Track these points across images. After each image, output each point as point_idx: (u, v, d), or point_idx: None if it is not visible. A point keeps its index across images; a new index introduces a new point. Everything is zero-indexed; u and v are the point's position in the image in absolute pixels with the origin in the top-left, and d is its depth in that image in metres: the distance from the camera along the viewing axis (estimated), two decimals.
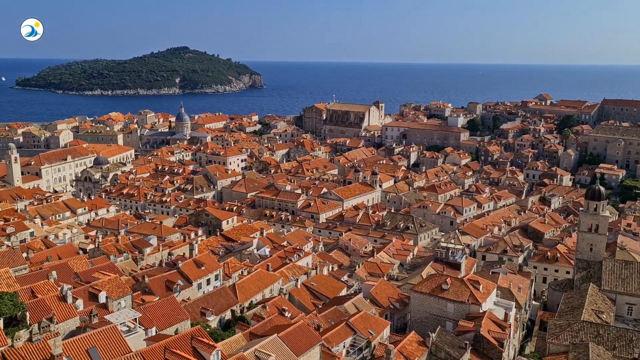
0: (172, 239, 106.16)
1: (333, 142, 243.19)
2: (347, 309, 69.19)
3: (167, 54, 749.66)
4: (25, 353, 37.40)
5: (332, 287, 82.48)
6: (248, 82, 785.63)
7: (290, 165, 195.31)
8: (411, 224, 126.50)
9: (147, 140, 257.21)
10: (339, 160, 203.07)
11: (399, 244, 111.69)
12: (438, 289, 70.33)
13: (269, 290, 76.85)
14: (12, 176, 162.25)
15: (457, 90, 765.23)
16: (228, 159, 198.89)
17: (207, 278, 75.90)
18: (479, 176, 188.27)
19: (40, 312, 48.96)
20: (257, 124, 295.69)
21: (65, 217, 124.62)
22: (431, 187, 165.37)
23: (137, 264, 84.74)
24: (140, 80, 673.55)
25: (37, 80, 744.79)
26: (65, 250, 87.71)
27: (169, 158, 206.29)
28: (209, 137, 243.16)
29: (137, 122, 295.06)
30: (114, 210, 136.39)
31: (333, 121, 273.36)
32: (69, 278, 67.76)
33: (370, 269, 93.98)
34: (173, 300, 61.61)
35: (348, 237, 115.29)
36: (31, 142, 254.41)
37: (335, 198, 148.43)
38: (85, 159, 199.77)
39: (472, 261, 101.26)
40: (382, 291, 79.11)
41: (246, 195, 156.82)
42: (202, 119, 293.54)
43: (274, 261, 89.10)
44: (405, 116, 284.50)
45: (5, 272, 59.07)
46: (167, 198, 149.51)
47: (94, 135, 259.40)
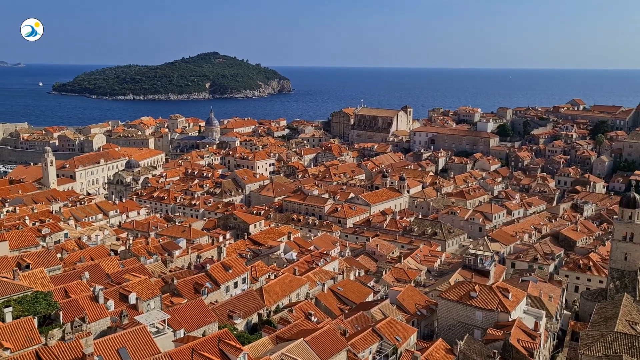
0: (200, 242, 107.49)
1: (361, 147, 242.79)
2: (373, 315, 68.93)
3: (198, 60, 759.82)
4: (58, 352, 38.25)
5: (358, 293, 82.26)
6: (277, 87, 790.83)
7: (317, 170, 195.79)
8: (439, 230, 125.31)
9: (178, 144, 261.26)
10: (367, 165, 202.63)
11: (426, 250, 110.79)
12: (466, 296, 69.51)
13: (295, 294, 77.07)
14: (47, 179, 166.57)
15: (487, 95, 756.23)
16: (256, 163, 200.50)
17: (234, 281, 76.53)
18: (508, 182, 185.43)
19: (73, 311, 50.14)
20: (285, 129, 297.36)
21: (97, 219, 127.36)
22: (459, 193, 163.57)
23: (166, 266, 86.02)
24: (171, 85, 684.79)
25: (72, 86, 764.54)
26: (97, 251, 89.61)
27: (198, 162, 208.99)
28: (238, 141, 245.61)
29: (167, 127, 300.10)
30: (144, 212, 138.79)
31: (361, 126, 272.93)
32: (100, 279, 69.22)
33: (397, 274, 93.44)
34: (201, 302, 62.34)
35: (375, 242, 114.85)
36: (66, 146, 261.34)
37: (363, 203, 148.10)
38: (118, 162, 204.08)
39: (501, 269, 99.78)
40: (409, 297, 78.57)
41: (274, 199, 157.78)
42: (231, 124, 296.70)
43: (301, 265, 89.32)
44: (433, 121, 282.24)
45: (41, 272, 60.70)
46: (197, 201, 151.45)
47: (126, 139, 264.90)
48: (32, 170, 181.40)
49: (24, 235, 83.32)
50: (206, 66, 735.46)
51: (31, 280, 56.90)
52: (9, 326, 41.17)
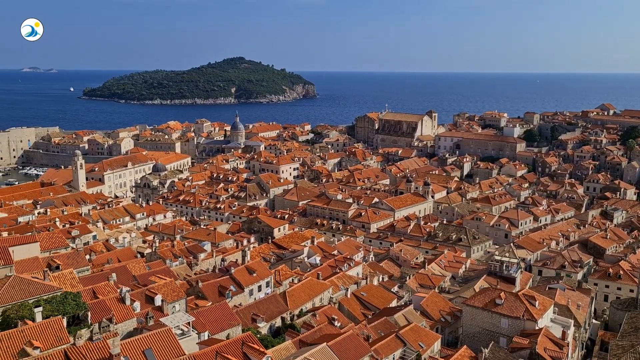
0: (225, 245, 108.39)
1: (385, 151, 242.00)
2: (397, 321, 68.57)
3: (224, 65, 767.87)
4: (86, 351, 38.93)
5: (382, 298, 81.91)
6: (301, 91, 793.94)
7: (341, 175, 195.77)
8: (464, 236, 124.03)
9: (203, 149, 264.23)
10: (391, 170, 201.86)
11: (451, 255, 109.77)
12: (491, 304, 68.60)
13: (319, 298, 77.13)
14: (77, 182, 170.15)
15: (514, 99, 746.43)
16: (281, 168, 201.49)
17: (258, 285, 76.98)
18: (535, 188, 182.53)
19: (101, 312, 51.12)
20: (310, 133, 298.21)
21: (125, 221, 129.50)
22: (485, 199, 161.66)
23: (191, 269, 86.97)
24: (197, 90, 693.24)
25: (102, 91, 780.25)
26: (124, 253, 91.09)
27: (223, 166, 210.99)
28: (263, 145, 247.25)
29: (194, 131, 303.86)
30: (170, 216, 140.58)
31: (385, 131, 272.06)
32: (127, 280, 70.36)
33: (421, 280, 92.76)
34: (225, 305, 62.85)
35: (399, 247, 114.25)
36: (95, 149, 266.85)
37: (387, 208, 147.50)
38: (145, 166, 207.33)
39: (527, 276, 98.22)
40: (433, 303, 77.92)
41: (298, 203, 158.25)
42: (256, 128, 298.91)
43: (325, 270, 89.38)
44: (459, 126, 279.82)
45: (70, 272, 62.03)
46: (221, 205, 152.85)
47: (153, 143, 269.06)
48: (63, 174, 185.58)
49: (55, 237, 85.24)
50: (232, 71, 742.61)
51: (61, 280, 58.20)
52: (39, 326, 42.12)
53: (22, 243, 67.94)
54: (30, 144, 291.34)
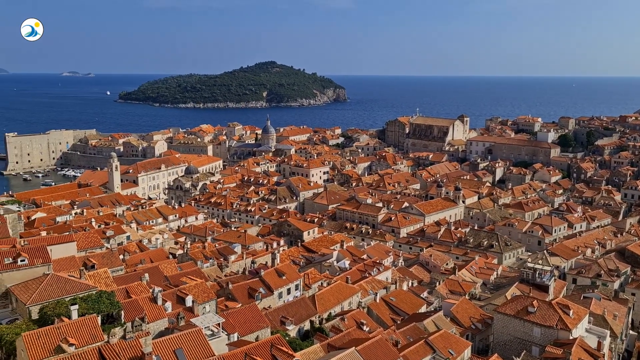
0: (255, 247, 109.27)
1: (415, 156, 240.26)
2: (426, 327, 67.99)
3: (256, 69, 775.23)
4: (119, 349, 39.77)
5: (411, 303, 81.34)
6: (332, 95, 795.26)
7: (371, 179, 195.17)
8: (495, 242, 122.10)
9: (235, 152, 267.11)
10: (422, 175, 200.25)
11: (482, 262, 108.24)
12: (524, 312, 67.42)
13: (347, 302, 77.07)
14: (112, 183, 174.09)
15: (548, 104, 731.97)
16: (311, 171, 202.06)
17: (287, 287, 77.37)
18: (570, 194, 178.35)
19: (134, 311, 52.20)
20: (340, 137, 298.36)
21: (157, 222, 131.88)
22: (518, 205, 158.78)
23: (221, 271, 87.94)
24: (229, 93, 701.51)
25: (137, 94, 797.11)
26: (156, 254, 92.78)
27: (254, 169, 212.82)
28: (293, 149, 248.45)
29: (225, 134, 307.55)
30: (202, 217, 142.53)
31: (416, 135, 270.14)
32: (159, 281, 71.64)
33: (451, 286, 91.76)
34: (255, 307, 63.36)
35: (429, 252, 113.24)
36: (130, 152, 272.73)
37: (417, 213, 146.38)
38: (177, 168, 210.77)
39: (561, 284, 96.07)
40: (464, 310, 76.99)
41: (327, 207, 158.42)
42: (287, 132, 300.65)
43: (354, 274, 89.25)
44: (491, 131, 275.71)
45: (105, 272, 63.54)
46: (252, 208, 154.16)
47: (186, 145, 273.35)
48: (99, 175, 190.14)
49: (90, 237, 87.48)
50: (264, 75, 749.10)
51: (96, 280, 59.67)
52: (74, 323, 43.21)
53: (59, 242, 69.87)
54: (68, 146, 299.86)
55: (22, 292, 50.55)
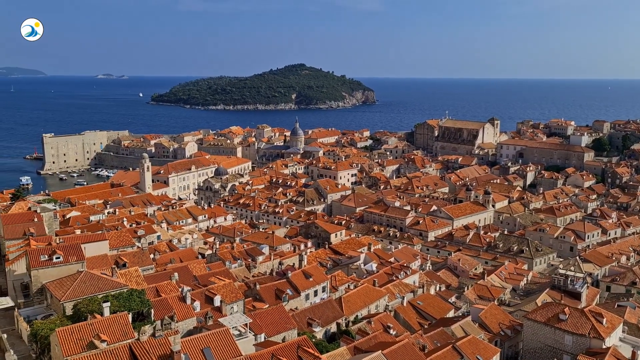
0: (283, 249, 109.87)
1: (444, 159, 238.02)
2: (454, 332, 67.26)
3: (285, 71, 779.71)
4: (149, 347, 40.45)
5: (439, 308, 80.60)
6: (361, 98, 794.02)
7: (400, 182, 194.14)
8: (526, 248, 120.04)
9: (264, 153, 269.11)
10: (450, 178, 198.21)
11: (511, 267, 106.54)
12: (555, 319, 66.07)
13: (374, 305, 76.84)
14: (144, 183, 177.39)
15: (582, 107, 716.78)
16: (339, 174, 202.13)
17: (314, 289, 77.56)
18: (604, 200, 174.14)
19: (163, 310, 53.09)
20: (368, 140, 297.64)
21: (187, 223, 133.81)
22: (549, 210, 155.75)
23: (249, 271, 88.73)
24: (259, 96, 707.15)
25: (168, 96, 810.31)
26: (186, 254, 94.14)
27: (283, 171, 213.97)
28: (321, 151, 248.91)
29: (255, 136, 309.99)
30: (230, 218, 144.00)
31: (445, 138, 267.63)
32: (188, 280, 72.69)
33: (480, 291, 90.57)
34: (282, 308, 63.72)
35: (457, 257, 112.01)
36: (161, 153, 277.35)
37: (445, 216, 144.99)
38: (207, 170, 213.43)
39: (594, 291, 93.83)
40: (493, 316, 75.88)
41: (355, 209, 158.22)
42: (315, 134, 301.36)
43: (381, 277, 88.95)
44: (522, 134, 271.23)
45: (135, 270, 64.81)
46: (280, 209, 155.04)
47: (216, 147, 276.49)
48: (131, 175, 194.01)
49: (122, 236, 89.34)
50: (293, 77, 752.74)
51: (127, 278, 60.88)
52: (106, 320, 44.18)
53: (93, 241, 71.65)
54: (102, 147, 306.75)
55: (57, 288, 51.95)
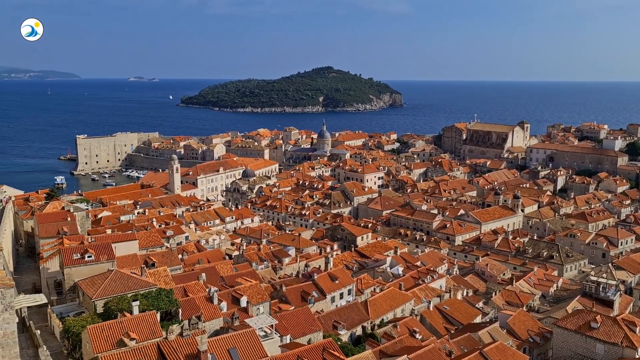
0: (309, 251, 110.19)
1: (473, 162, 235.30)
2: (481, 338, 66.48)
3: (312, 74, 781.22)
4: (177, 346, 41.04)
5: (465, 313, 79.75)
6: (388, 100, 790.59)
7: (427, 185, 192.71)
8: (556, 253, 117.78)
9: (291, 156, 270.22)
10: (478, 182, 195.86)
11: (541, 273, 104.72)
12: (586, 327, 64.70)
13: (400, 309, 76.46)
14: (173, 184, 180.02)
15: (615, 110, 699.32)
16: (365, 176, 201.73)
17: (340, 292, 77.58)
18: (638, 205, 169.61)
19: (190, 309, 53.85)
20: (395, 143, 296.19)
21: (215, 224, 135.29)
22: (580, 215, 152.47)
23: (276, 273, 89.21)
24: (286, 98, 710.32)
25: (198, 99, 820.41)
26: (213, 254, 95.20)
27: (309, 173, 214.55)
28: (348, 154, 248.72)
29: (282, 138, 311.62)
30: (257, 220, 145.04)
31: (473, 141, 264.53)
32: (215, 281, 73.52)
33: (508, 297, 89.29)
34: (307, 310, 63.93)
35: (485, 262, 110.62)
36: (190, 154, 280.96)
37: (473, 220, 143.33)
38: (235, 171, 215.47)
39: (627, 300, 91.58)
40: (521, 322, 74.76)
41: (381, 212, 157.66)
42: (342, 137, 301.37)
43: (407, 281, 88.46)
44: (553, 138, 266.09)
45: (164, 270, 65.90)
46: (306, 211, 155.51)
47: (244, 149, 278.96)
48: (161, 176, 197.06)
49: (151, 236, 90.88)
50: (320, 80, 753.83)
51: (156, 277, 61.96)
52: (135, 318, 45.01)
53: (123, 240, 73.09)
54: (133, 148, 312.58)
55: (89, 286, 53.18)
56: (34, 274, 69.75)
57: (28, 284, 64.76)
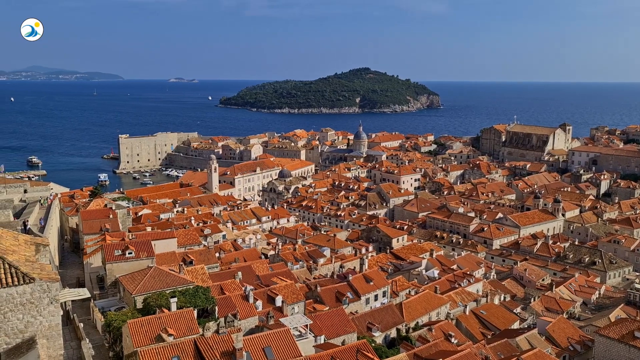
0: (344, 252, 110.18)
1: (512, 165, 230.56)
2: (519, 344, 65.23)
3: (350, 75, 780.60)
4: (213, 343, 41.76)
5: (503, 318, 78.36)
6: (425, 102, 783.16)
7: (464, 188, 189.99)
8: (598, 260, 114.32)
9: (327, 157, 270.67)
10: (517, 185, 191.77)
11: (582, 279, 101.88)
12: (629, 336, 62.65)
13: (435, 313, 75.70)
14: (211, 184, 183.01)
15: None
16: (402, 178, 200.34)
17: (375, 294, 77.31)
18: None
19: (227, 307, 54.68)
20: (432, 144, 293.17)
21: (251, 223, 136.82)
22: (625, 220, 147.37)
23: (310, 273, 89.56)
24: (323, 99, 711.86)
25: (236, 100, 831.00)
26: (249, 253, 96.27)
27: (345, 174, 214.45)
28: (384, 155, 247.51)
29: (318, 139, 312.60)
30: (293, 220, 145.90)
31: (513, 143, 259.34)
32: (251, 280, 74.39)
33: (547, 303, 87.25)
34: (342, 311, 63.99)
35: (524, 266, 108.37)
36: (228, 154, 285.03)
37: (511, 224, 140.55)
38: (272, 172, 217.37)
39: None
40: (561, 330, 72.95)
41: (417, 215, 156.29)
42: (379, 138, 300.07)
43: (443, 284, 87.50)
44: (596, 140, 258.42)
45: (201, 268, 67.14)
46: (342, 212, 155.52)
47: (280, 150, 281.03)
48: (199, 176, 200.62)
49: (190, 234, 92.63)
50: (357, 81, 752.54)
51: (193, 275, 63.20)
52: (173, 315, 46.04)
53: (162, 238, 74.77)
54: (172, 148, 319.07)
55: (129, 282, 54.67)
56: (78, 268, 72.16)
57: (72, 278, 67.01)
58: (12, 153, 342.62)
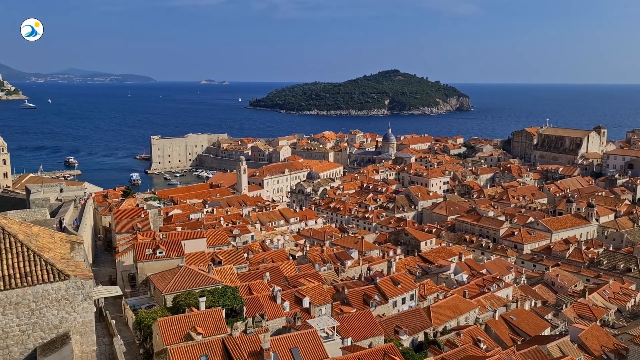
0: (371, 254, 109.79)
1: (543, 168, 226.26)
2: (550, 351, 63.95)
3: (379, 77, 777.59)
4: (240, 342, 42.12)
5: (533, 324, 76.97)
6: (455, 104, 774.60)
7: (494, 191, 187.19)
8: (634, 266, 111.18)
9: (355, 159, 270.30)
10: (549, 189, 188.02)
11: (617, 286, 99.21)
12: None
13: (464, 317, 74.85)
14: (240, 185, 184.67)
15: None
16: (430, 181, 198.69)
17: (402, 297, 76.86)
18: None
19: (254, 308, 55.14)
20: (462, 147, 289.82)
21: (279, 224, 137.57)
22: None
23: (338, 275, 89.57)
24: (352, 101, 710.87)
25: (265, 101, 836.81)
26: (277, 254, 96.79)
27: (373, 176, 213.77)
28: (413, 157, 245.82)
29: (347, 141, 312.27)
30: (321, 222, 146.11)
31: (545, 146, 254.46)
32: (279, 280, 74.76)
33: (580, 310, 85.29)
34: (369, 314, 63.82)
35: (555, 272, 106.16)
36: (257, 156, 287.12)
37: (543, 229, 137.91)
38: (300, 173, 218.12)
39: None
40: (594, 337, 71.24)
41: (446, 218, 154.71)
42: (408, 140, 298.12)
43: (472, 288, 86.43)
44: (633, 144, 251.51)
45: (230, 268, 67.85)
46: (370, 215, 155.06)
47: (309, 151, 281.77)
48: (229, 177, 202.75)
49: (219, 235, 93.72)
50: (386, 83, 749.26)
51: (222, 275, 63.90)
52: (202, 314, 46.63)
53: (192, 238, 75.92)
54: (203, 149, 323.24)
55: (159, 281, 55.65)
56: (111, 266, 73.75)
57: (105, 276, 68.52)
58: (49, 153, 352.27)
